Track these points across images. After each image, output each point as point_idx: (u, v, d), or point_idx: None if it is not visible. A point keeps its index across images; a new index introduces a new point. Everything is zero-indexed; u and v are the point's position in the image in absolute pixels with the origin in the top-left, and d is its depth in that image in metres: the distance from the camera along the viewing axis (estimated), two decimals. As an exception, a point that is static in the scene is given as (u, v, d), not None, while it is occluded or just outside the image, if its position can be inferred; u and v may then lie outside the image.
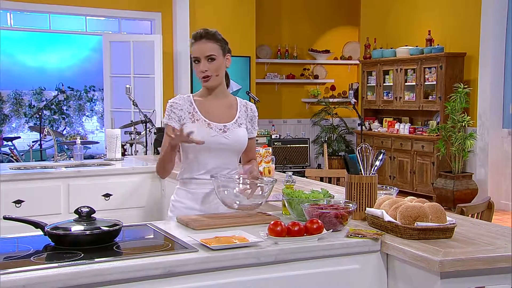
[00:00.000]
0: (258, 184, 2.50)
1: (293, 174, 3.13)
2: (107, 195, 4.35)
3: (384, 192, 2.64)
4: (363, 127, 8.23)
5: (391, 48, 9.25)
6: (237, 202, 2.48)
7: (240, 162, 2.86)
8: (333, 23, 10.91)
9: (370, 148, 2.58)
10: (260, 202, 2.52)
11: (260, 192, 2.49)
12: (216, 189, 2.50)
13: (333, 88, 10.87)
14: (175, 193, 2.77)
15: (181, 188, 2.72)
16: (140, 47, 8.57)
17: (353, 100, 7.29)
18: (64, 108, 11.28)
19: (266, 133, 9.32)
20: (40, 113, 7.48)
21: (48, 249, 2.01)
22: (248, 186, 2.47)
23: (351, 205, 2.34)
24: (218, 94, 2.72)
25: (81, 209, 2.14)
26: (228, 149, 2.67)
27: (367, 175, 2.55)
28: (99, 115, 11.57)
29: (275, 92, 10.54)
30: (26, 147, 9.78)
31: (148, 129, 6.07)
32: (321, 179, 4.30)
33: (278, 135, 9.34)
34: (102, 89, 9.44)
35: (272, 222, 2.12)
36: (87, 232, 2.04)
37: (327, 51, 10.77)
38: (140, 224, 2.50)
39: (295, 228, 2.10)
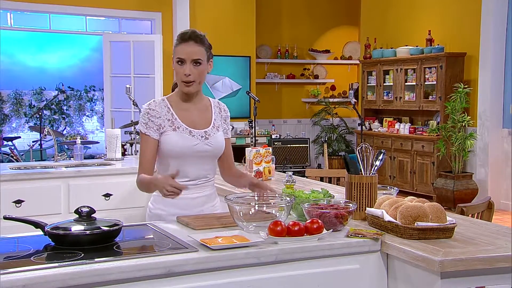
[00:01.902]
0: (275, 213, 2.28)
1: (293, 174, 3.14)
2: (107, 195, 4.35)
3: (384, 192, 2.64)
4: (363, 127, 8.23)
5: (391, 48, 9.25)
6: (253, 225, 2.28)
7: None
8: (333, 23, 10.91)
9: (370, 148, 2.58)
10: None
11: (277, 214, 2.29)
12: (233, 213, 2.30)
13: (333, 88, 10.87)
14: (153, 200, 2.67)
15: (160, 196, 2.47)
16: (140, 47, 8.57)
17: (353, 100, 7.28)
18: (64, 108, 11.29)
19: (266, 133, 9.33)
20: (40, 113, 7.48)
21: (48, 249, 2.01)
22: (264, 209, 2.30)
23: (351, 205, 2.34)
24: (195, 98, 2.63)
25: (81, 209, 2.13)
26: (210, 156, 2.61)
27: (367, 175, 2.55)
28: (99, 115, 11.57)
29: (275, 92, 10.54)
30: (26, 147, 9.78)
31: (148, 129, 6.05)
32: (321, 179, 4.30)
33: (278, 135, 9.35)
34: (102, 89, 9.44)
35: (272, 222, 2.12)
36: (87, 232, 2.04)
37: (327, 51, 10.76)
38: (140, 224, 2.49)
39: (295, 228, 2.10)
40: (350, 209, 2.30)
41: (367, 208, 2.42)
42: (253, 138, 7.00)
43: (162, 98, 2.64)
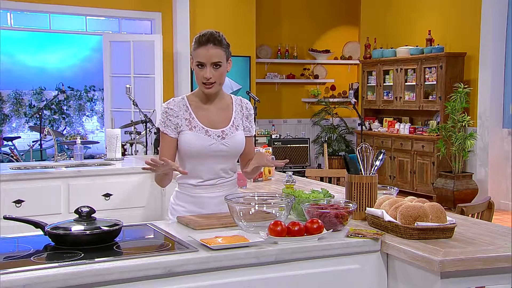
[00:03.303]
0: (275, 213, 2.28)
1: (293, 174, 3.14)
2: (107, 195, 4.35)
3: (384, 192, 2.64)
4: (363, 127, 8.22)
5: (391, 48, 9.25)
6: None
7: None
8: (333, 23, 10.91)
9: (370, 148, 2.58)
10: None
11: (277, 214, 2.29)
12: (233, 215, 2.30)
13: (333, 88, 10.87)
14: (175, 196, 2.70)
15: (182, 192, 2.65)
16: (140, 47, 8.57)
17: (353, 100, 7.28)
18: (64, 108, 11.29)
19: (266, 133, 9.32)
20: (40, 113, 7.47)
21: (48, 249, 2.01)
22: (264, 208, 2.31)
23: (351, 205, 2.34)
24: (215, 97, 2.64)
25: (81, 209, 2.14)
26: (226, 156, 2.61)
27: (367, 175, 2.55)
28: (99, 115, 11.57)
29: (275, 92, 10.53)
30: (26, 147, 9.78)
31: (148, 129, 6.07)
32: (321, 179, 4.30)
33: (278, 135, 9.34)
34: (102, 89, 9.44)
35: (272, 222, 2.11)
36: (87, 232, 2.04)
37: (327, 51, 10.76)
38: (140, 224, 2.50)
39: (295, 228, 2.10)
40: (350, 209, 2.30)
41: (367, 208, 2.42)
42: (253, 138, 6.99)
43: (182, 96, 2.66)
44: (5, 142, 9.10)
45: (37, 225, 2.12)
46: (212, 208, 2.60)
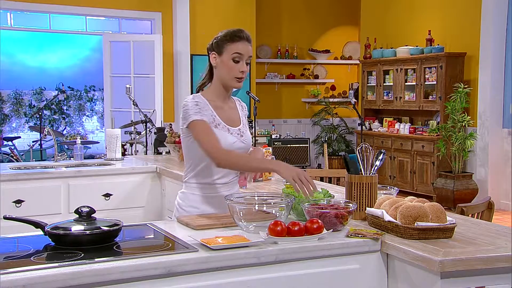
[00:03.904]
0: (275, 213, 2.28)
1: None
2: (107, 195, 4.34)
3: (384, 192, 2.64)
4: (363, 127, 8.22)
5: (391, 48, 9.25)
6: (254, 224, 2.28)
7: None
8: (333, 23, 10.91)
9: (370, 148, 2.58)
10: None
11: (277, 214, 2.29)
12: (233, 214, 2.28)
13: (333, 88, 10.87)
14: (184, 197, 2.65)
15: (194, 194, 2.61)
16: (140, 47, 8.57)
17: (353, 100, 7.28)
18: (64, 108, 11.29)
19: (266, 133, 9.32)
20: (40, 113, 7.48)
21: (48, 249, 2.01)
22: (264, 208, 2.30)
23: (351, 205, 2.34)
24: (227, 96, 2.66)
25: (81, 209, 2.13)
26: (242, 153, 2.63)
27: (367, 175, 2.55)
28: (99, 115, 11.57)
29: (275, 92, 10.54)
30: (26, 147, 9.79)
31: (148, 129, 6.07)
32: (321, 179, 4.30)
33: (278, 135, 9.34)
34: (102, 89, 9.44)
35: (272, 222, 2.11)
36: (87, 232, 2.03)
37: (327, 51, 10.77)
38: (140, 224, 2.49)
39: (295, 228, 2.10)
40: (350, 209, 2.30)
41: (367, 208, 2.42)
42: (253, 138, 7.00)
43: (198, 95, 2.61)
44: (5, 142, 9.10)
45: (37, 225, 2.12)
46: (225, 206, 2.56)
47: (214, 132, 2.50)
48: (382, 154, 2.61)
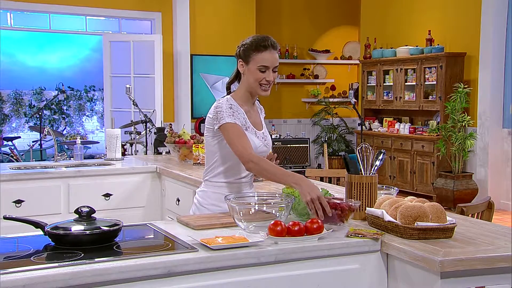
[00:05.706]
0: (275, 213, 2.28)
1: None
2: (107, 195, 4.35)
3: (384, 192, 2.64)
4: (363, 127, 8.23)
5: (391, 48, 9.25)
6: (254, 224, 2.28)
7: None
8: (333, 23, 10.91)
9: (370, 148, 2.58)
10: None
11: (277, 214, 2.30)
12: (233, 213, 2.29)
13: (333, 88, 10.86)
14: (205, 196, 2.70)
15: (216, 192, 2.67)
16: (140, 47, 8.57)
17: (353, 100, 7.28)
18: (64, 108, 11.29)
19: (266, 133, 9.31)
20: (40, 113, 7.49)
21: (48, 249, 2.01)
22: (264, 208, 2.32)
23: (353, 202, 2.36)
24: (253, 101, 2.73)
25: (81, 209, 2.13)
26: (264, 156, 2.67)
27: (367, 175, 2.55)
28: (99, 115, 11.57)
29: (275, 92, 10.53)
30: (26, 147, 9.79)
31: (148, 129, 6.07)
32: (321, 179, 4.30)
33: (278, 135, 9.34)
34: (102, 89, 9.44)
35: (272, 222, 2.11)
36: (87, 232, 2.03)
37: (327, 51, 10.76)
38: (140, 224, 2.49)
39: (295, 228, 2.10)
40: (352, 204, 2.32)
41: (367, 208, 2.42)
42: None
43: (229, 98, 2.64)
44: (5, 142, 9.10)
45: (37, 225, 2.12)
46: None
47: (246, 136, 2.56)
48: (382, 154, 2.61)
